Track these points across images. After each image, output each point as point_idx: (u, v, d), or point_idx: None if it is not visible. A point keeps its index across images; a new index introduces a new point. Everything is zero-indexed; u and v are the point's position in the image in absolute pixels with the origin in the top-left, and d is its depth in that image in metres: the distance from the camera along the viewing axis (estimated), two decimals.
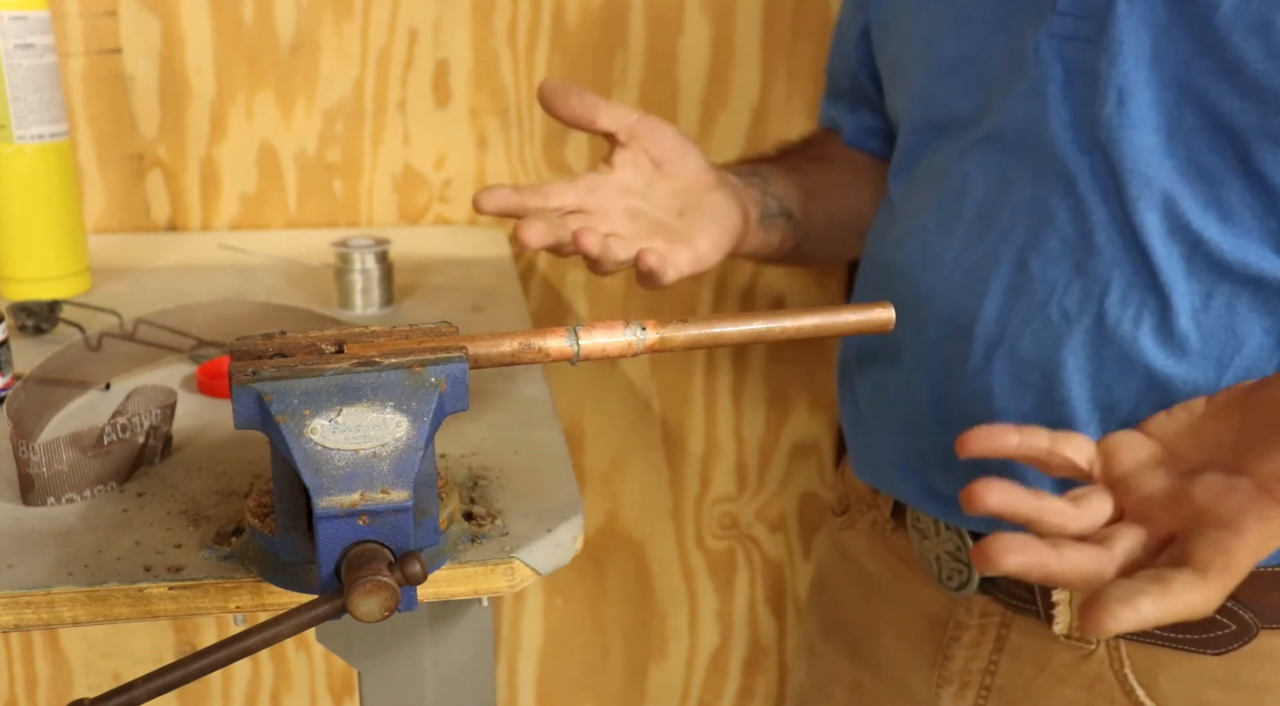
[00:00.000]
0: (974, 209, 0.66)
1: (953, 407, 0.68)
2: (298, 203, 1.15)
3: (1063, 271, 0.63)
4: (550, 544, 0.52)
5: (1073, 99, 0.62)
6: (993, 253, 0.65)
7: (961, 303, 0.66)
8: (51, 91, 0.87)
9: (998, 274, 0.65)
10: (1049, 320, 0.63)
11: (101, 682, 1.26)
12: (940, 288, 0.68)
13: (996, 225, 0.65)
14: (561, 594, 1.33)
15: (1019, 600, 0.70)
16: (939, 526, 0.72)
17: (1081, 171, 0.62)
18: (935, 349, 0.69)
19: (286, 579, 0.47)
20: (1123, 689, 0.66)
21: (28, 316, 0.80)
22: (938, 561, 0.73)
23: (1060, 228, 0.63)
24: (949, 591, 0.73)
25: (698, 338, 0.51)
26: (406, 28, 1.11)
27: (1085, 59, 0.61)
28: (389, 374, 0.45)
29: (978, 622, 0.73)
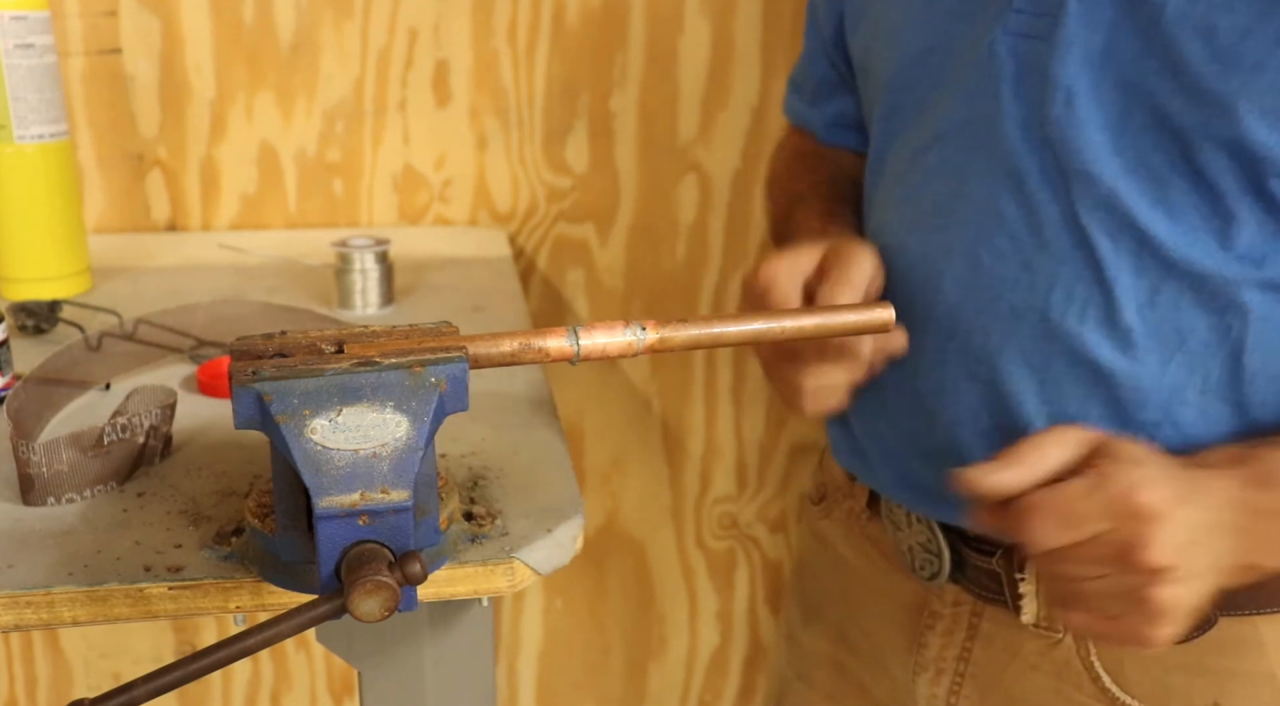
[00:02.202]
0: (932, 203, 0.67)
1: (914, 398, 0.69)
2: (298, 203, 1.15)
3: (1011, 267, 0.63)
4: (550, 544, 0.52)
5: (1023, 97, 0.63)
6: (947, 248, 0.66)
7: (919, 297, 0.67)
8: (51, 91, 0.87)
9: (951, 269, 0.65)
10: (998, 315, 0.64)
11: (101, 682, 1.26)
12: (902, 282, 0.68)
13: (952, 221, 0.66)
14: (561, 594, 1.33)
15: (988, 590, 0.71)
16: (911, 518, 0.73)
17: (1030, 169, 0.62)
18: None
19: (286, 579, 0.47)
20: (1090, 676, 0.68)
21: (28, 316, 0.80)
22: (910, 552, 0.74)
23: (1009, 224, 0.63)
24: (921, 580, 0.75)
25: (698, 338, 0.51)
26: (406, 28, 1.11)
27: (1037, 57, 0.62)
28: (389, 374, 0.45)
29: (950, 611, 0.74)
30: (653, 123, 1.17)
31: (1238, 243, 0.59)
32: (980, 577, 0.71)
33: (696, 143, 1.18)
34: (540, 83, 1.15)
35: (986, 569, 0.70)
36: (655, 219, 1.20)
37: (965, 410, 0.66)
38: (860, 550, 0.81)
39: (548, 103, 1.15)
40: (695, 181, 1.20)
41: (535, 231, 1.19)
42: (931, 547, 0.73)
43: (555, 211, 1.19)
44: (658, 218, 1.20)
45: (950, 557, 0.72)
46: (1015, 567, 0.69)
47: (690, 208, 1.20)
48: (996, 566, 0.69)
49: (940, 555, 0.72)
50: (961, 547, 0.71)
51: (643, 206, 1.20)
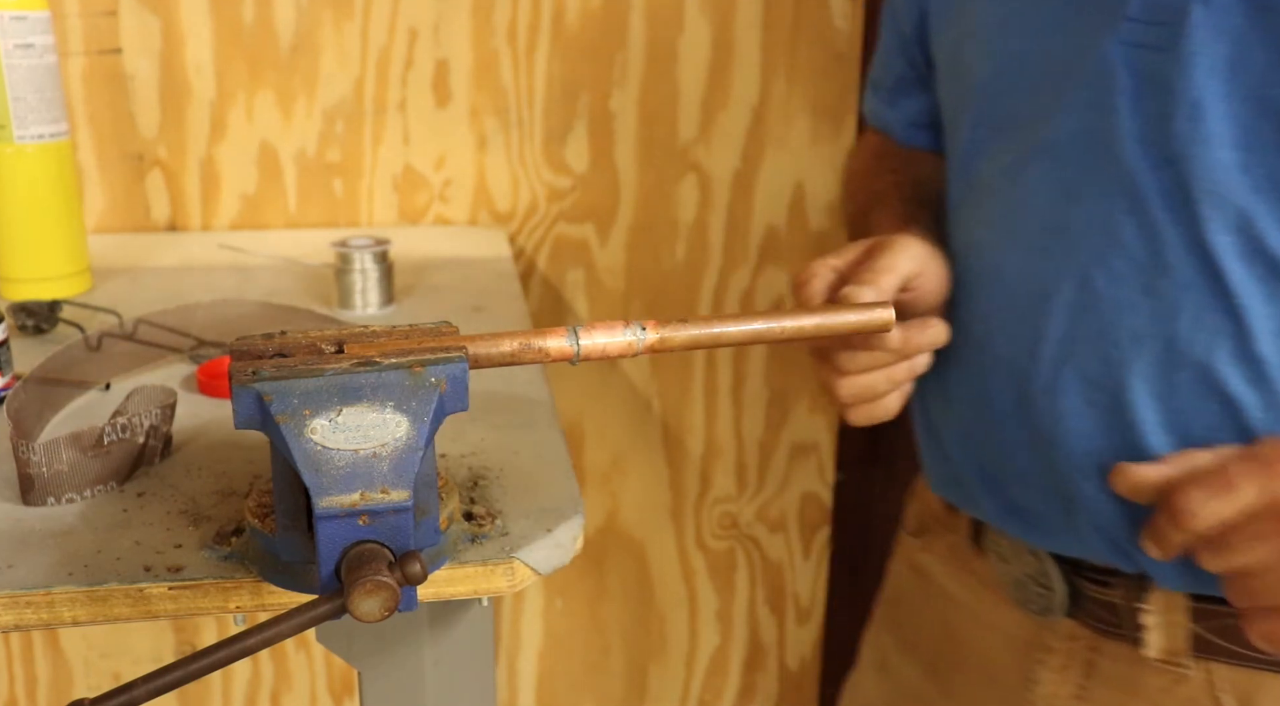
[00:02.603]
0: (1036, 222, 0.64)
1: (1025, 426, 0.66)
2: (298, 203, 1.15)
3: (1130, 291, 0.60)
4: (550, 544, 0.52)
5: (1143, 111, 0.59)
6: (1057, 270, 0.62)
7: (1025, 320, 0.64)
8: (51, 91, 0.87)
9: (1061, 292, 0.62)
10: (1116, 341, 0.60)
11: (101, 682, 1.26)
12: (1004, 304, 0.65)
13: (1060, 241, 0.62)
14: (561, 594, 1.33)
15: (1106, 623, 0.68)
16: (1019, 549, 0.70)
17: (1151, 188, 0.59)
18: (1002, 366, 0.67)
19: (286, 579, 0.47)
20: None
21: (28, 316, 0.80)
22: (1018, 585, 0.71)
23: (1127, 246, 0.60)
24: (1033, 615, 0.71)
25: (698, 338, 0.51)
26: (406, 28, 1.11)
27: (1156, 68, 0.58)
28: (389, 374, 0.45)
29: (1065, 646, 0.70)
30: (653, 123, 1.17)
31: None
32: (1098, 610, 0.68)
33: (696, 143, 1.18)
34: (540, 83, 1.15)
35: (1104, 600, 0.67)
36: (655, 219, 1.20)
37: (1082, 437, 0.63)
38: (963, 584, 0.78)
39: (548, 103, 1.15)
40: (695, 181, 1.20)
41: (535, 231, 1.19)
42: (1043, 579, 0.69)
43: (555, 211, 1.19)
44: (658, 218, 1.20)
45: (1064, 589, 0.68)
46: (1137, 597, 0.65)
47: (690, 208, 1.20)
48: (1116, 597, 0.66)
49: (1052, 587, 0.69)
50: (1076, 579, 0.68)
51: (643, 206, 1.20)
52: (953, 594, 0.79)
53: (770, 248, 1.23)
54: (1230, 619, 0.62)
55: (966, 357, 0.69)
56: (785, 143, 1.20)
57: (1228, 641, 0.63)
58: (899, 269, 0.64)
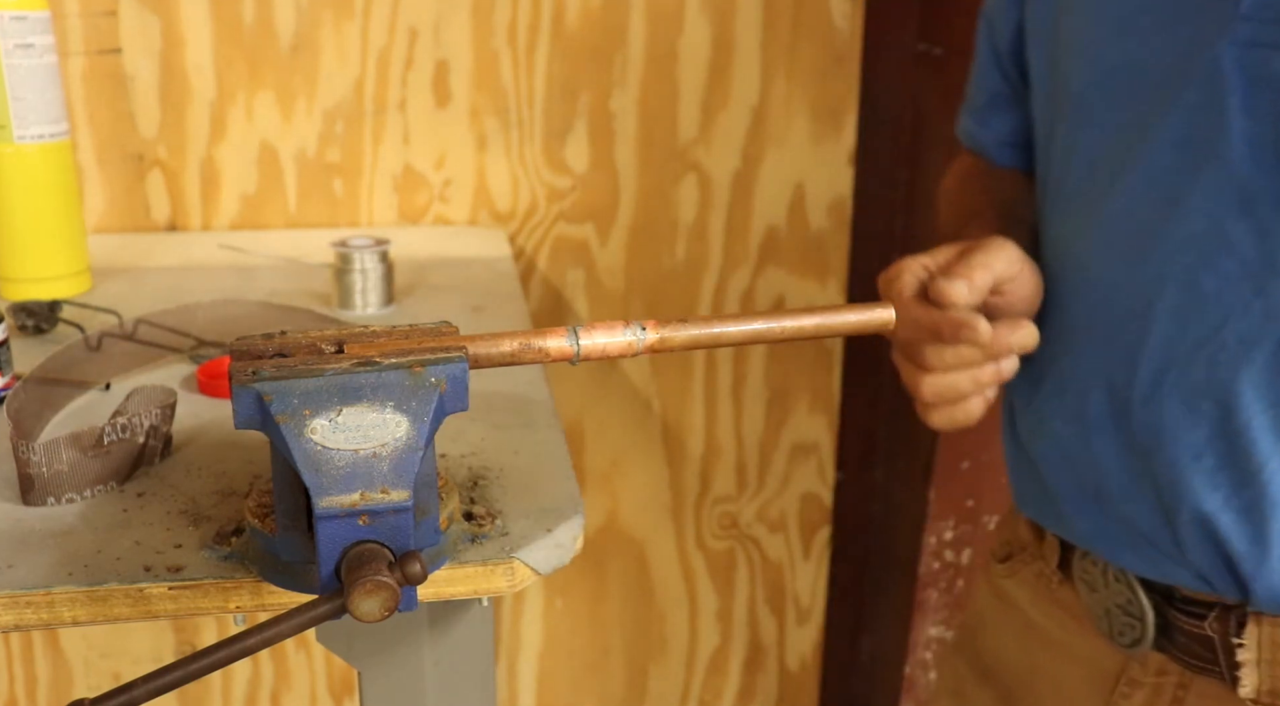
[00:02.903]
0: (1136, 228, 0.62)
1: (1122, 438, 0.64)
2: (298, 203, 1.15)
3: (1240, 294, 0.58)
4: (550, 544, 0.52)
5: (1255, 113, 0.57)
6: (1159, 274, 0.61)
7: (1125, 328, 0.62)
8: (51, 91, 0.87)
9: (1164, 297, 0.60)
10: (1224, 345, 0.59)
11: (101, 682, 1.26)
12: (1101, 313, 0.64)
13: (1163, 246, 0.61)
14: (561, 594, 1.33)
15: (1198, 659, 0.65)
16: (1108, 577, 0.68)
17: (1265, 190, 0.57)
18: (1098, 377, 0.65)
19: (286, 579, 0.47)
20: None
21: (28, 316, 0.80)
22: (1108, 615, 0.69)
23: (1238, 249, 0.58)
24: (1121, 647, 0.68)
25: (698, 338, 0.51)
26: (406, 28, 1.11)
27: (1272, 69, 0.57)
28: (389, 374, 0.45)
29: (1153, 681, 0.68)
30: (653, 123, 1.17)
31: None
32: (1190, 644, 0.65)
33: (696, 143, 1.18)
34: (540, 83, 1.15)
35: (1197, 634, 0.64)
36: (655, 219, 1.20)
37: (1187, 447, 0.61)
38: (1048, 613, 0.75)
39: (548, 103, 1.15)
40: (695, 181, 1.20)
41: (535, 231, 1.19)
42: (1133, 610, 0.66)
43: (555, 211, 1.19)
44: (658, 218, 1.20)
45: (1155, 621, 0.66)
46: (1232, 631, 0.63)
47: (690, 208, 1.20)
48: (1210, 630, 0.63)
49: (1143, 618, 0.66)
50: (1168, 610, 0.65)
51: (643, 206, 1.20)
52: (1036, 622, 0.76)
53: (770, 248, 1.23)
54: None
55: (1059, 370, 0.68)
56: (785, 143, 1.20)
57: None
58: (993, 267, 0.63)
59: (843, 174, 1.22)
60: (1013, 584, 0.79)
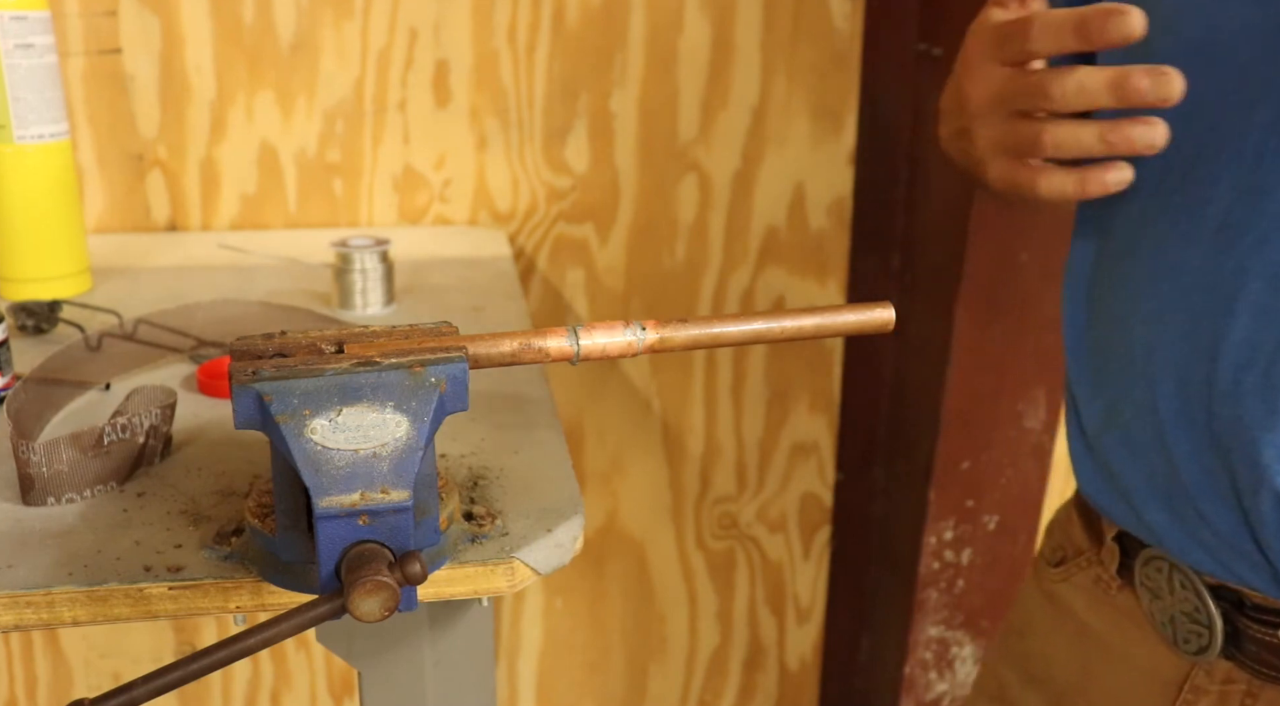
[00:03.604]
0: (1219, 217, 0.59)
1: (1200, 434, 0.62)
2: (298, 203, 1.15)
3: None
4: (550, 544, 0.52)
5: None
6: (1241, 267, 0.58)
7: (1205, 320, 0.59)
8: (51, 91, 0.87)
9: (1246, 291, 0.58)
10: None
11: (101, 682, 1.26)
12: (1180, 302, 0.61)
13: (1246, 236, 0.58)
14: (561, 594, 1.33)
15: (1269, 667, 0.62)
16: (1174, 582, 0.66)
17: None
18: (1174, 370, 0.62)
19: (286, 579, 0.47)
20: None
21: (28, 316, 0.80)
22: (1172, 622, 0.66)
23: None
24: (1185, 655, 0.66)
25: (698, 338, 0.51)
26: (406, 28, 1.11)
27: None
28: (389, 374, 0.45)
29: (1217, 689, 0.66)
30: (653, 123, 1.17)
31: None
32: (1259, 652, 0.63)
33: (696, 143, 1.18)
34: (540, 83, 1.15)
35: (1269, 642, 0.62)
36: (655, 219, 1.20)
37: (1270, 446, 0.58)
38: (1105, 618, 0.73)
39: (548, 103, 1.15)
40: (695, 181, 1.20)
41: (535, 231, 1.19)
42: (1200, 617, 0.64)
43: (555, 211, 1.19)
44: (658, 218, 1.20)
45: (1223, 628, 0.63)
46: None
47: (690, 208, 1.20)
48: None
49: (1211, 626, 0.64)
50: (1237, 617, 0.63)
51: (643, 206, 1.20)
52: (1093, 627, 0.74)
53: (770, 248, 1.23)
54: None
55: (1132, 361, 0.65)
56: (785, 143, 1.20)
57: None
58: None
59: (843, 174, 1.23)
60: (1067, 588, 0.76)
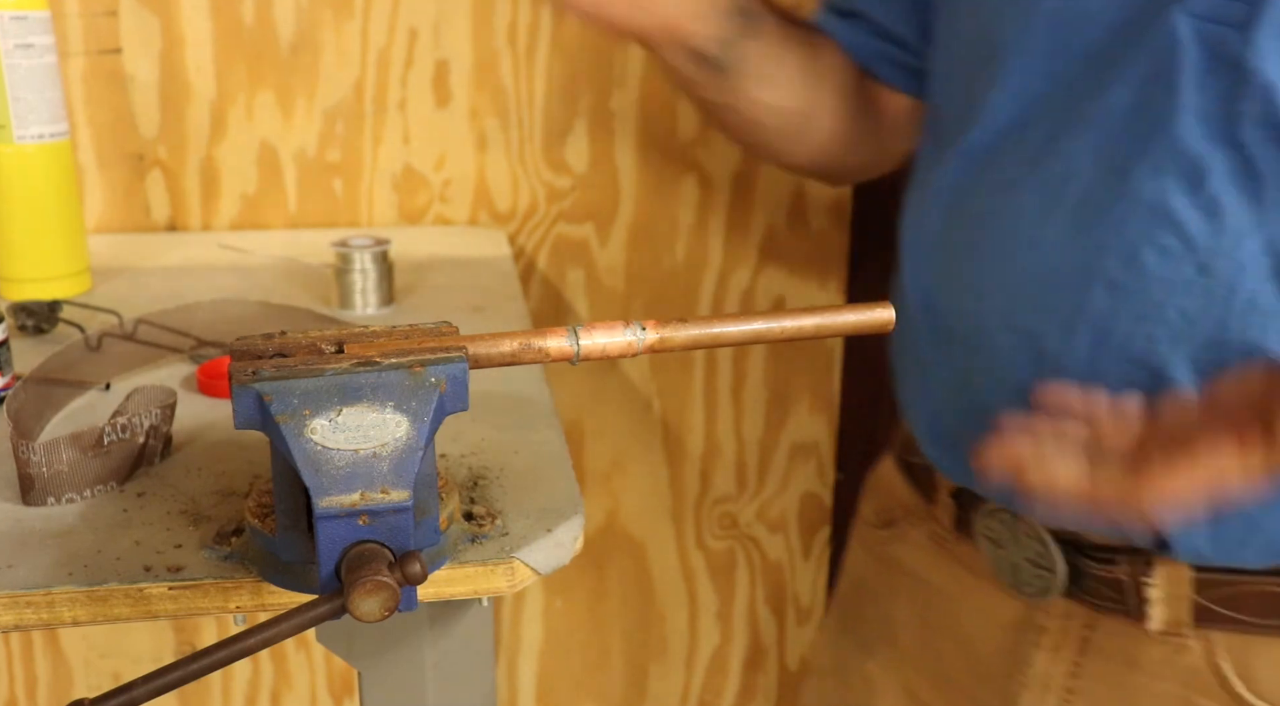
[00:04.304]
0: (1079, 194, 0.61)
1: None
2: (298, 203, 1.15)
3: (1182, 272, 0.58)
4: (550, 544, 0.52)
5: (1210, 89, 0.56)
6: (1100, 245, 0.60)
7: (1063, 293, 0.61)
8: (51, 91, 0.87)
9: (1104, 267, 0.60)
10: (1164, 320, 0.59)
11: (101, 682, 1.26)
12: (1038, 276, 0.62)
13: (1107, 215, 0.60)
14: (561, 594, 1.33)
15: (1107, 600, 0.67)
16: (1016, 534, 0.69)
17: (1215, 169, 0.57)
18: (1033, 339, 0.64)
19: (286, 579, 0.47)
20: (1218, 680, 0.64)
21: (28, 316, 0.80)
22: (1014, 569, 0.70)
23: (1183, 226, 0.57)
24: (1026, 597, 0.70)
25: (698, 338, 0.51)
26: (406, 28, 1.11)
27: (1228, 46, 0.55)
28: (389, 374, 0.45)
29: (1059, 625, 0.70)
30: (653, 123, 1.17)
31: None
32: (1098, 587, 0.67)
33: (696, 143, 1.18)
34: (540, 83, 1.15)
35: (1107, 578, 0.66)
36: (655, 219, 1.20)
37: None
38: (945, 572, 0.76)
39: (548, 103, 1.15)
40: (695, 181, 1.20)
41: (535, 231, 1.19)
42: (1043, 562, 0.68)
43: (555, 211, 1.19)
44: (658, 218, 1.20)
45: (1065, 569, 0.67)
46: (1142, 572, 0.65)
47: (690, 208, 1.20)
48: (1120, 574, 0.65)
49: (1053, 568, 0.67)
50: (1078, 558, 0.67)
51: (643, 206, 1.20)
52: (931, 582, 0.77)
53: (770, 248, 1.23)
54: (1230, 587, 0.62)
55: (985, 330, 0.66)
56: None
57: (1228, 609, 0.63)
58: None
59: None
60: (901, 548, 0.79)
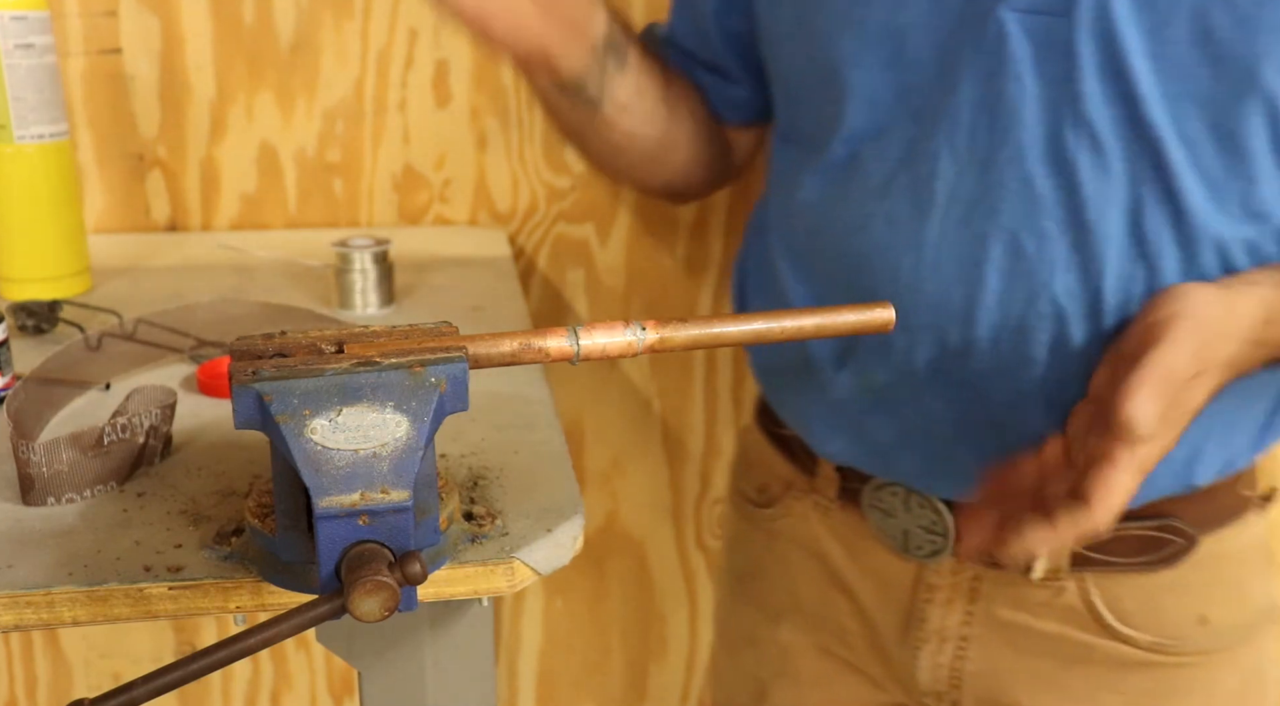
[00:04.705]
0: (948, 191, 0.65)
1: (957, 386, 0.68)
2: (298, 203, 1.15)
3: (1059, 251, 0.62)
4: (550, 544, 0.52)
5: (1048, 76, 0.61)
6: (980, 235, 0.64)
7: (955, 287, 0.65)
8: (51, 91, 0.87)
9: (990, 257, 0.64)
10: (1053, 299, 0.63)
11: (101, 682, 1.26)
12: (926, 273, 0.66)
13: (980, 207, 0.64)
14: (561, 594, 1.33)
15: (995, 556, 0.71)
16: (909, 504, 0.74)
17: (1065, 149, 0.61)
18: (931, 334, 0.68)
19: (286, 579, 0.47)
20: (1092, 615, 0.72)
21: (28, 316, 0.80)
22: (905, 535, 0.75)
23: (1051, 208, 0.62)
24: (917, 559, 0.75)
25: (698, 338, 0.51)
26: (406, 28, 1.11)
27: (1055, 34, 0.60)
28: (389, 374, 0.45)
29: (949, 581, 0.75)
30: None
31: (1260, 202, 0.61)
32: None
33: None
34: None
35: None
36: (655, 219, 1.20)
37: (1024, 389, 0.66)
38: (833, 540, 0.80)
39: None
40: None
41: (535, 231, 1.19)
42: (936, 528, 0.73)
43: (555, 211, 1.19)
44: (658, 218, 1.20)
45: (957, 534, 0.72)
46: None
47: (690, 208, 1.20)
48: None
49: (946, 534, 0.73)
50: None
51: (643, 206, 1.20)
52: (823, 552, 0.81)
53: None
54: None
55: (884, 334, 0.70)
56: None
57: (1100, 553, 0.71)
58: None
59: None
60: (787, 523, 0.83)
